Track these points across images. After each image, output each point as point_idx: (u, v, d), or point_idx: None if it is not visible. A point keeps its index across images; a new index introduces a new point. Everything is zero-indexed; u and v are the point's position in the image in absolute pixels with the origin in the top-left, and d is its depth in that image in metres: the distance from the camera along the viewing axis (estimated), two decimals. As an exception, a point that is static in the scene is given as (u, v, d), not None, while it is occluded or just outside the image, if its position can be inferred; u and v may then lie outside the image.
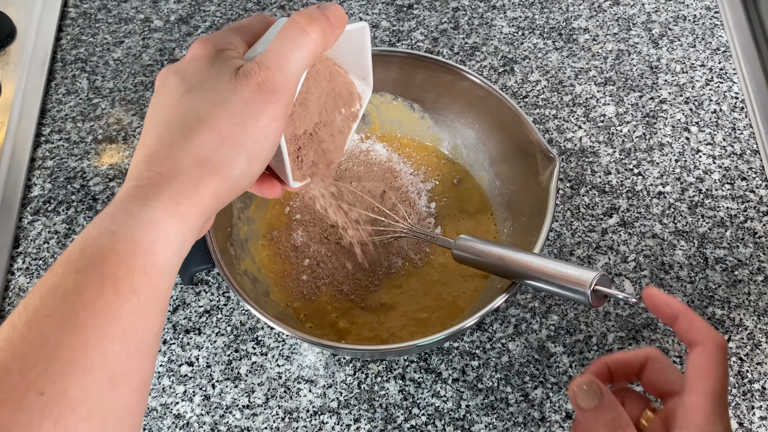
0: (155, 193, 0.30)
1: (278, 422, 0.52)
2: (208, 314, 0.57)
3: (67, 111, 0.70)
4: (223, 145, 0.32)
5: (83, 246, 0.29)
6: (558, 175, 0.51)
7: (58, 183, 0.65)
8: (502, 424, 0.52)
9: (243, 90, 0.32)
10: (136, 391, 0.29)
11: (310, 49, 0.34)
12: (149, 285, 0.29)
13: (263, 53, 0.34)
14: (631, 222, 0.61)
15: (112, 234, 0.29)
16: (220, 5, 0.78)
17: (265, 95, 0.33)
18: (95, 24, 0.77)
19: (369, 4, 0.77)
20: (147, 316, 0.29)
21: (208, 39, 0.35)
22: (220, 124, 0.32)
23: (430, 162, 0.62)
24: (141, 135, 0.34)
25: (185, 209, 0.31)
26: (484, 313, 0.45)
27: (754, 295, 0.57)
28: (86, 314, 0.27)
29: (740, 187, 0.63)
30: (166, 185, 0.31)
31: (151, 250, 0.29)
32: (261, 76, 0.33)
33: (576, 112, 0.68)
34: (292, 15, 0.35)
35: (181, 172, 0.31)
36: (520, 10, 0.76)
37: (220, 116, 0.32)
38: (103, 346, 0.27)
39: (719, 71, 0.70)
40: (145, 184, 0.31)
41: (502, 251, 0.46)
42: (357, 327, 0.54)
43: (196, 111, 0.32)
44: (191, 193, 0.31)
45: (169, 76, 0.35)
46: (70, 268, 0.28)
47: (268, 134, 0.33)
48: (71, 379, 0.26)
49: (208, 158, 0.32)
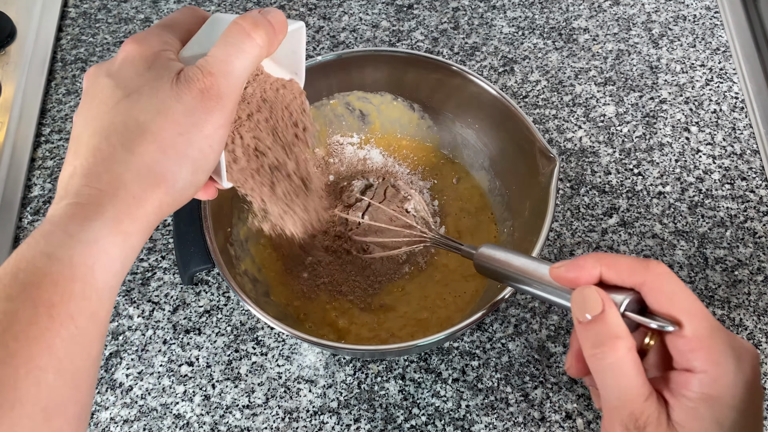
0: (96, 212, 0.28)
1: (278, 422, 0.52)
2: (208, 314, 0.57)
3: (67, 111, 0.70)
4: (166, 157, 0.30)
5: (16, 270, 0.27)
6: (558, 175, 0.51)
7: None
8: (502, 424, 0.52)
9: (185, 97, 0.30)
10: (72, 419, 0.27)
11: (255, 54, 0.32)
12: (88, 310, 0.28)
13: (206, 58, 0.32)
14: (631, 222, 0.61)
15: (48, 257, 0.27)
16: (220, 5, 0.78)
17: (209, 102, 0.31)
18: (95, 24, 0.77)
19: (369, 4, 0.77)
20: (85, 342, 0.28)
21: (140, 38, 0.33)
22: (162, 134, 0.30)
23: (429, 161, 0.62)
24: (70, 142, 0.31)
25: (127, 227, 0.29)
26: (484, 313, 0.45)
27: (754, 295, 0.57)
28: (17, 345, 0.25)
29: (740, 187, 0.63)
30: (108, 203, 0.29)
31: (90, 273, 0.28)
32: (204, 82, 0.31)
33: (576, 112, 0.68)
34: (236, 18, 0.33)
35: (123, 188, 0.29)
36: (520, 10, 0.76)
37: (163, 125, 0.30)
38: (35, 378, 0.26)
39: (719, 71, 0.70)
40: (84, 202, 0.29)
41: (525, 264, 0.40)
42: (356, 327, 0.54)
43: (136, 119, 0.30)
44: (134, 210, 0.29)
45: (99, 78, 0.32)
46: (0, 295, 0.26)
47: (212, 144, 0.32)
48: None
49: (151, 171, 0.30)
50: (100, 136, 0.30)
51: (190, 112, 0.30)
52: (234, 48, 0.32)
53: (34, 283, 0.27)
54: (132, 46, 0.32)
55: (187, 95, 0.30)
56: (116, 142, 0.30)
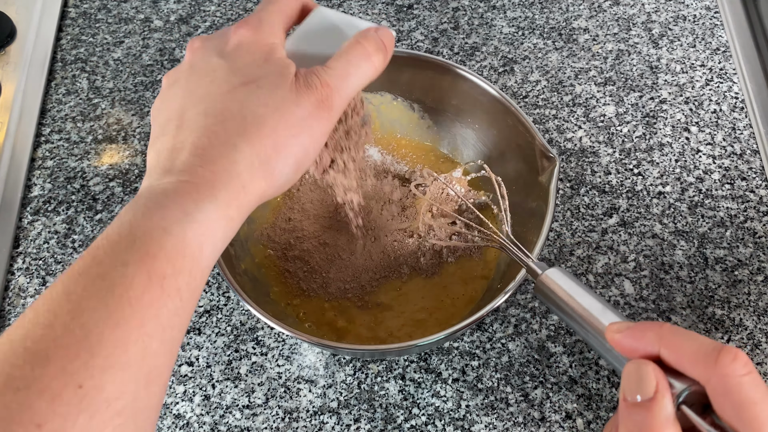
0: (209, 195, 0.30)
1: (278, 422, 0.52)
2: (208, 314, 0.57)
3: (67, 111, 0.70)
4: (277, 154, 0.32)
5: (132, 237, 0.28)
6: (558, 175, 0.51)
7: (58, 183, 0.65)
8: (502, 424, 0.52)
9: (304, 102, 0.32)
10: (164, 386, 0.29)
11: (369, 76, 0.34)
12: (192, 285, 0.29)
13: (326, 69, 0.33)
14: (631, 222, 0.61)
15: (164, 231, 0.28)
16: (220, 5, 0.78)
17: (322, 112, 0.33)
18: (95, 24, 0.77)
19: (369, 4, 0.77)
20: (184, 314, 0.29)
21: (254, 24, 0.34)
22: (278, 132, 0.32)
23: (428, 160, 0.62)
24: (165, 112, 0.33)
25: (233, 212, 0.31)
26: (484, 313, 0.44)
27: (754, 295, 0.57)
28: (131, 310, 0.27)
29: (740, 187, 0.63)
30: (222, 188, 0.30)
31: (198, 252, 0.29)
32: (322, 92, 0.32)
33: (576, 112, 0.68)
34: (359, 37, 0.34)
35: (236, 176, 0.31)
36: (520, 10, 0.76)
37: (280, 124, 0.32)
38: (143, 343, 0.27)
39: (719, 71, 0.70)
40: (199, 182, 0.30)
41: (589, 307, 0.36)
42: (355, 327, 0.54)
43: (254, 112, 0.31)
44: (242, 197, 0.31)
45: (211, 57, 0.33)
46: (117, 260, 0.28)
47: (315, 148, 0.33)
48: (110, 374, 0.26)
49: (263, 165, 0.31)
50: (215, 118, 0.31)
51: (305, 118, 0.32)
52: (354, 68, 0.34)
53: (150, 253, 0.28)
54: (246, 31, 0.34)
55: (306, 101, 0.32)
56: (233, 130, 0.31)
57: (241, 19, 0.37)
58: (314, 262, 0.56)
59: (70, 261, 0.61)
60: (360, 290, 0.55)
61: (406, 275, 0.56)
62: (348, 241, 0.57)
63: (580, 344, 0.55)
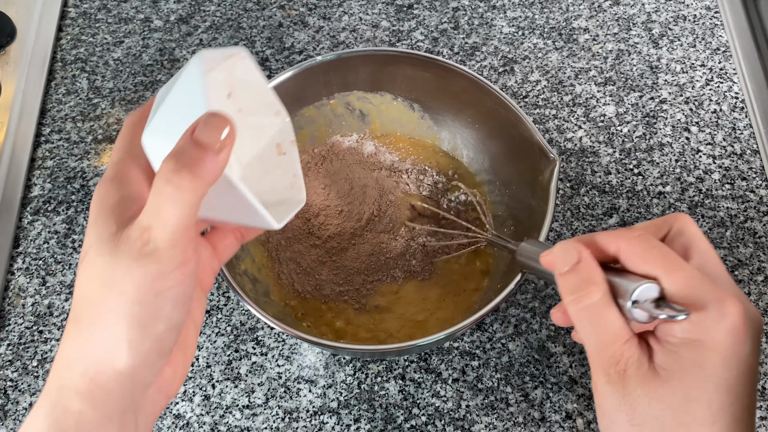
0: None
1: (278, 422, 0.52)
2: (208, 314, 0.57)
3: (67, 111, 0.70)
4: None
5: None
6: (558, 175, 0.51)
7: (58, 183, 0.65)
8: (502, 424, 0.52)
9: (129, 263, 0.28)
10: None
11: (187, 199, 0.28)
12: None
13: (143, 211, 0.29)
14: (631, 222, 0.61)
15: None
16: (220, 5, 0.78)
17: (147, 261, 0.28)
18: (95, 24, 0.77)
19: (369, 4, 0.77)
20: None
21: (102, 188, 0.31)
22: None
23: (428, 159, 0.62)
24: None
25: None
26: (484, 313, 0.44)
27: (754, 295, 0.57)
28: None
29: (740, 187, 0.63)
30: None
31: None
32: (142, 239, 0.28)
33: (576, 112, 0.68)
34: (162, 162, 0.28)
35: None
36: (520, 10, 0.76)
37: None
38: None
39: (719, 71, 0.70)
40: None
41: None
42: (353, 327, 0.54)
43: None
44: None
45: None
46: None
47: (175, 300, 0.30)
48: None
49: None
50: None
51: (143, 284, 0.29)
52: (163, 199, 0.28)
53: None
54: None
55: (127, 260, 0.29)
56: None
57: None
58: (306, 263, 0.56)
59: (70, 261, 0.61)
60: (355, 293, 0.55)
61: (401, 279, 0.56)
62: (338, 242, 0.57)
63: (580, 344, 0.55)
